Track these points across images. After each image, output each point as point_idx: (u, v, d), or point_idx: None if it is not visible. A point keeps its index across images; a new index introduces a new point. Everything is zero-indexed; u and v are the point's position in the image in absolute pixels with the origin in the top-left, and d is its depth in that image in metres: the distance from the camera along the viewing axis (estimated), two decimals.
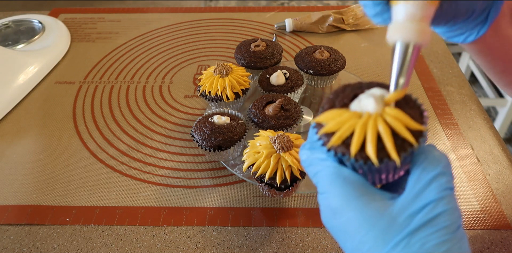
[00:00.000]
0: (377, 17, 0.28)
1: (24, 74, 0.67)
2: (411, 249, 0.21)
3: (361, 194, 0.23)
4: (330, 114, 0.24)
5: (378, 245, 0.22)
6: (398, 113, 0.22)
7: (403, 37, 0.23)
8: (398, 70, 0.23)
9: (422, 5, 0.23)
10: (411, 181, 0.23)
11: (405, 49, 0.23)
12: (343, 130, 0.23)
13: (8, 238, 0.45)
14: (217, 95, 0.54)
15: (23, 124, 0.61)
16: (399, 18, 0.24)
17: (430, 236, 0.21)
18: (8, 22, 0.79)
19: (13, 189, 0.51)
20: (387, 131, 0.22)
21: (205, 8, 0.91)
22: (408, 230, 0.21)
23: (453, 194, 0.22)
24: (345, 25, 0.79)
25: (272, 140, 0.43)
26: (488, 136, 0.56)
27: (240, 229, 0.46)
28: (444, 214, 0.21)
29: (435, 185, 0.22)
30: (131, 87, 0.68)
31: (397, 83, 0.23)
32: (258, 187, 0.49)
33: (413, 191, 0.22)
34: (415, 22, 0.23)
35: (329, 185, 0.24)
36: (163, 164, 0.54)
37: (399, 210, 0.22)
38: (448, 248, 0.21)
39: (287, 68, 0.58)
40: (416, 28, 0.23)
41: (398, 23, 0.24)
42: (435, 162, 0.23)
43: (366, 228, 0.22)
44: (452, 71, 0.69)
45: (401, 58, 0.23)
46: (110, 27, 0.85)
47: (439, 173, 0.22)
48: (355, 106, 0.23)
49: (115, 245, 0.44)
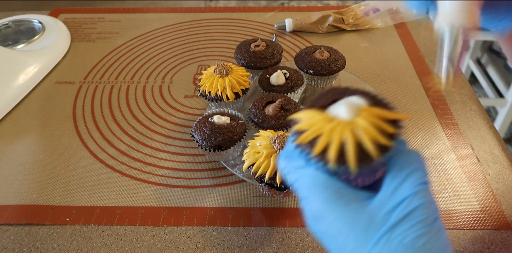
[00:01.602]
0: (422, 5, 0.27)
1: (24, 74, 0.67)
2: (391, 245, 0.21)
3: (340, 196, 0.24)
4: (304, 115, 0.24)
5: (360, 245, 0.22)
6: (367, 125, 0.22)
7: (452, 20, 0.23)
8: (448, 58, 0.23)
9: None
10: (387, 179, 0.24)
11: (455, 34, 0.23)
12: (311, 131, 0.23)
13: (8, 238, 0.45)
14: (217, 95, 0.54)
15: (23, 124, 0.61)
16: (446, 4, 0.23)
17: (408, 230, 0.21)
18: (8, 22, 0.79)
19: (13, 189, 0.51)
20: (351, 140, 0.22)
21: (205, 8, 0.91)
22: (386, 227, 0.22)
23: (427, 188, 0.23)
24: (345, 25, 0.79)
25: (272, 140, 0.43)
26: (488, 136, 0.56)
27: (240, 229, 0.46)
28: (420, 208, 0.22)
29: (409, 181, 0.23)
30: (131, 87, 0.68)
31: (448, 74, 0.23)
32: (258, 187, 0.49)
33: (389, 188, 0.23)
34: (464, 5, 0.23)
35: (308, 191, 0.25)
36: (163, 164, 0.54)
37: (377, 208, 0.23)
38: (426, 241, 0.21)
39: (287, 68, 0.58)
40: (465, 10, 0.23)
41: (446, 8, 0.23)
42: (409, 160, 0.24)
43: (347, 229, 0.23)
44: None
45: (451, 44, 0.23)
46: (110, 27, 0.85)
47: (412, 170, 0.23)
48: (332, 110, 0.24)
49: (115, 245, 0.44)
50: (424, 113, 0.60)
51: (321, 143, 0.23)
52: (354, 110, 0.23)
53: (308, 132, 0.24)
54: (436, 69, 0.24)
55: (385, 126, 0.22)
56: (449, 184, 0.50)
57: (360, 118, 0.23)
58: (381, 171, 0.25)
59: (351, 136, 0.22)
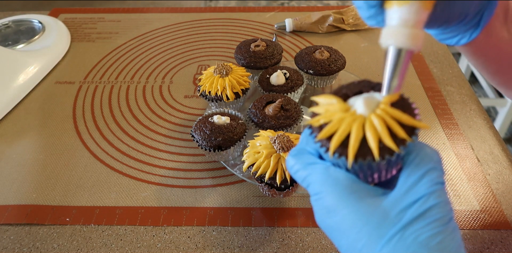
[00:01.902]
0: (371, 19, 0.28)
1: (24, 74, 0.67)
2: (405, 243, 0.21)
3: (353, 191, 0.24)
4: (323, 100, 0.25)
5: (372, 241, 0.22)
6: (378, 123, 0.23)
7: (396, 42, 0.23)
8: (390, 74, 0.24)
9: (416, 10, 0.23)
10: (403, 176, 0.23)
11: (397, 53, 0.24)
12: (329, 127, 0.23)
13: (8, 238, 0.45)
14: (217, 95, 0.54)
15: (23, 124, 0.61)
16: (393, 22, 0.24)
17: (423, 228, 0.21)
18: (8, 22, 0.79)
19: (13, 189, 0.51)
20: (373, 134, 0.23)
21: (205, 8, 0.91)
22: (401, 224, 0.22)
23: (443, 188, 0.23)
24: (345, 25, 0.79)
25: (272, 140, 0.43)
26: (488, 136, 0.56)
27: (240, 229, 0.46)
28: (436, 207, 0.22)
29: (426, 179, 0.22)
30: (131, 87, 0.68)
31: (390, 87, 0.24)
32: (258, 187, 0.49)
33: (404, 186, 0.23)
34: (408, 28, 0.23)
35: (321, 186, 0.25)
36: (163, 164, 0.54)
37: (391, 205, 0.22)
38: (441, 240, 0.21)
39: (287, 68, 0.58)
40: (409, 33, 0.23)
41: (392, 28, 0.24)
42: (427, 158, 0.23)
43: (360, 225, 0.22)
44: (452, 71, 0.69)
45: (393, 63, 0.24)
46: (110, 27, 0.85)
47: (430, 168, 0.23)
48: (352, 101, 0.24)
49: (115, 245, 0.44)
50: (424, 113, 0.60)
51: (328, 129, 0.23)
52: (370, 106, 0.23)
53: (320, 116, 0.24)
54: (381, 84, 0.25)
55: (397, 129, 0.22)
56: (449, 184, 0.50)
57: (375, 115, 0.23)
58: (397, 168, 0.25)
59: (357, 129, 0.23)
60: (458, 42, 0.34)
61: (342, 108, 0.24)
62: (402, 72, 0.24)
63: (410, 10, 0.23)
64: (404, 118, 0.23)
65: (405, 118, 0.23)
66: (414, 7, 0.23)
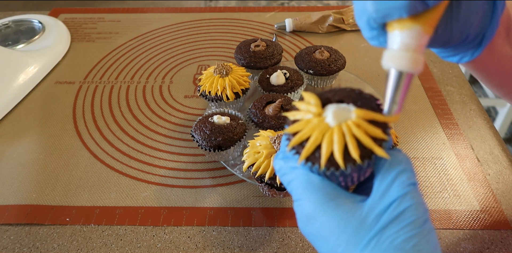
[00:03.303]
0: (373, 40, 0.28)
1: (24, 74, 0.67)
2: (381, 247, 0.22)
3: (332, 198, 0.24)
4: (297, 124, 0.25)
5: (350, 247, 0.22)
6: (359, 121, 0.23)
7: (397, 65, 0.24)
8: (392, 96, 0.24)
9: (417, 34, 0.24)
10: (376, 181, 0.24)
11: (398, 76, 0.24)
12: (309, 145, 0.24)
13: (8, 238, 0.45)
14: (217, 95, 0.54)
15: (23, 124, 0.61)
16: (394, 46, 0.24)
17: (398, 232, 0.22)
18: (8, 22, 0.79)
19: (13, 189, 0.51)
20: (328, 145, 0.23)
21: (205, 8, 0.91)
22: (376, 229, 0.22)
23: (416, 189, 0.23)
24: (345, 25, 0.79)
25: (272, 140, 0.43)
26: (488, 136, 0.56)
27: (240, 229, 0.46)
28: (409, 210, 0.22)
29: (397, 182, 0.23)
30: (131, 87, 0.68)
31: (391, 109, 0.24)
32: (258, 187, 0.49)
33: (378, 191, 0.23)
34: (410, 52, 0.24)
35: (302, 192, 0.25)
36: (163, 164, 0.54)
37: (367, 210, 0.23)
38: (416, 243, 0.21)
39: (287, 68, 0.58)
40: (410, 57, 0.24)
41: (393, 52, 0.24)
42: (396, 161, 0.24)
43: (338, 231, 0.23)
44: (452, 71, 0.69)
45: (394, 85, 0.24)
46: (110, 27, 0.85)
47: (400, 171, 0.23)
48: (328, 108, 0.25)
49: (115, 245, 0.44)
50: (424, 113, 0.60)
51: (308, 147, 0.24)
52: (338, 118, 0.24)
53: (298, 135, 0.24)
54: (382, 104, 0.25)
55: (365, 142, 0.23)
56: (449, 184, 0.50)
57: (338, 128, 0.23)
58: (368, 171, 0.25)
59: (315, 138, 0.24)
60: (460, 60, 0.34)
61: (316, 114, 0.24)
62: (403, 94, 0.24)
63: (412, 34, 0.24)
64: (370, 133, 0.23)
65: (367, 136, 0.23)
66: (415, 31, 0.24)
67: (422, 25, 0.24)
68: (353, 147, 0.23)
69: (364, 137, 0.23)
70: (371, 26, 0.26)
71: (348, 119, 0.23)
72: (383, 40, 0.27)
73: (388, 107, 0.24)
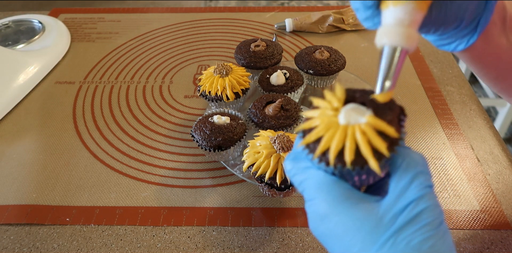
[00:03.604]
0: (367, 21, 0.28)
1: (24, 74, 0.67)
2: (397, 248, 0.22)
3: (347, 197, 0.24)
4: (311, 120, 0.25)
5: (366, 246, 0.22)
6: (365, 129, 0.23)
7: (390, 41, 0.24)
8: (384, 73, 0.24)
9: (411, 10, 0.24)
10: (393, 182, 0.24)
11: (392, 53, 0.24)
12: (314, 133, 0.24)
13: (8, 238, 0.45)
14: (217, 95, 0.54)
15: (23, 124, 0.61)
16: (388, 22, 0.24)
17: (415, 233, 0.22)
18: (8, 22, 0.79)
19: (13, 189, 0.51)
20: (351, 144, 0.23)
21: (205, 8, 0.91)
22: (393, 229, 0.22)
23: (432, 191, 0.23)
24: (345, 25, 0.79)
25: (272, 140, 0.43)
26: (488, 136, 0.56)
27: (240, 229, 0.46)
28: (426, 211, 0.22)
29: (415, 184, 0.23)
30: (131, 87, 0.68)
31: (383, 86, 0.24)
32: (258, 187, 0.49)
33: (395, 191, 0.23)
34: (403, 27, 0.24)
35: (315, 192, 0.25)
36: (163, 164, 0.54)
37: (384, 210, 0.23)
38: (432, 244, 0.21)
39: (287, 68, 0.58)
40: (403, 32, 0.23)
41: (387, 27, 0.24)
42: (413, 163, 0.24)
43: (353, 230, 0.23)
44: (452, 71, 0.69)
45: (388, 62, 0.24)
46: (110, 27, 0.85)
47: (417, 173, 0.23)
48: (344, 110, 0.24)
49: (115, 245, 0.44)
50: (424, 113, 0.60)
51: (322, 145, 0.23)
52: (348, 118, 0.23)
53: (312, 133, 0.24)
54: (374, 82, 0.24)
55: (376, 143, 0.23)
56: (449, 184, 0.50)
57: (363, 123, 0.23)
58: (384, 172, 0.25)
59: (350, 140, 0.23)
60: (456, 48, 0.34)
61: (333, 121, 0.24)
62: (396, 72, 0.24)
63: (405, 10, 0.24)
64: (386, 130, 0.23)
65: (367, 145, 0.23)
66: (409, 7, 0.24)
67: (416, 1, 0.24)
68: (350, 150, 0.23)
69: (364, 145, 0.22)
70: (366, 5, 0.26)
71: (358, 123, 0.23)
72: (378, 21, 0.27)
73: (381, 83, 0.24)
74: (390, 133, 0.23)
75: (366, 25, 0.29)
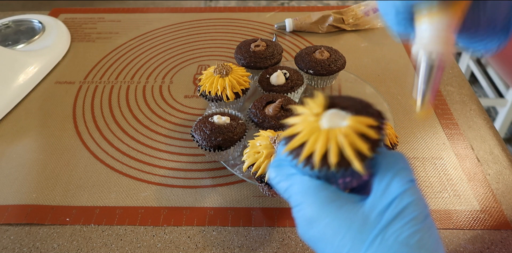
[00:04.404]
0: (399, 29, 0.28)
1: (24, 74, 0.67)
2: (386, 244, 0.22)
3: (333, 199, 0.24)
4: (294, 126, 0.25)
5: (356, 245, 0.22)
6: (347, 132, 0.23)
7: (428, 49, 0.24)
8: (424, 88, 0.24)
9: (446, 25, 0.24)
10: (376, 181, 0.24)
11: (431, 64, 0.24)
12: (298, 138, 0.24)
13: (8, 238, 0.45)
14: (217, 95, 0.54)
15: (23, 124, 0.61)
16: (424, 37, 0.24)
17: (402, 228, 0.22)
18: (8, 22, 0.79)
19: (13, 189, 0.51)
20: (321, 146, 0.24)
21: (205, 8, 0.91)
22: (380, 226, 0.22)
23: (415, 186, 0.23)
24: (345, 25, 0.79)
25: (272, 140, 0.43)
26: (488, 136, 0.56)
27: (240, 229, 0.46)
28: (411, 205, 0.22)
29: (397, 179, 0.23)
30: (131, 87, 0.68)
31: (423, 100, 0.24)
32: (258, 187, 0.49)
33: (379, 189, 0.23)
34: (440, 44, 0.24)
35: (302, 196, 0.25)
36: (163, 164, 0.54)
37: (369, 209, 0.23)
38: (420, 237, 0.22)
39: (287, 68, 0.58)
40: (442, 46, 0.24)
41: (424, 41, 0.24)
42: (393, 160, 0.24)
43: (343, 231, 0.23)
44: (452, 71, 0.69)
45: (427, 74, 0.24)
46: (110, 27, 0.85)
47: (398, 169, 0.24)
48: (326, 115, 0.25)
49: (115, 245, 0.44)
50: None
51: (307, 150, 0.24)
52: (330, 123, 0.24)
53: (296, 139, 0.25)
54: (414, 93, 0.25)
55: (358, 145, 0.23)
56: (449, 184, 0.50)
57: (344, 127, 0.24)
58: (367, 173, 0.25)
59: (333, 142, 0.24)
60: (485, 47, 0.33)
61: (315, 114, 0.25)
62: (436, 79, 0.24)
63: (441, 25, 0.24)
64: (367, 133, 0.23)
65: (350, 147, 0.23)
66: (444, 23, 0.24)
67: (450, 16, 0.24)
68: (333, 153, 0.23)
69: (347, 147, 0.23)
70: (398, 21, 0.26)
71: (339, 127, 0.24)
72: (410, 30, 0.27)
73: (421, 99, 0.24)
74: (371, 134, 0.23)
75: (397, 29, 0.28)
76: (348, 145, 0.23)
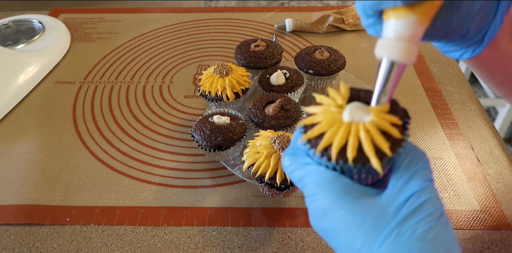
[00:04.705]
0: (370, 28, 0.28)
1: (24, 74, 0.67)
2: (402, 238, 0.22)
3: (348, 192, 0.24)
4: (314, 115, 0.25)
5: (370, 239, 0.22)
6: (369, 128, 0.23)
7: (389, 55, 0.23)
8: (381, 87, 0.24)
9: (412, 24, 0.23)
10: (394, 176, 0.24)
11: (390, 66, 0.24)
12: (326, 138, 0.24)
13: (8, 238, 0.45)
14: (217, 95, 0.54)
15: (23, 124, 0.61)
16: (388, 35, 0.24)
17: (418, 223, 0.22)
18: (8, 22, 0.79)
19: (13, 189, 0.51)
20: (354, 143, 0.23)
21: (205, 8, 0.91)
22: (397, 220, 0.22)
23: (433, 185, 0.24)
24: (345, 25, 0.79)
25: (272, 140, 0.43)
26: (488, 136, 0.56)
27: (240, 229, 0.46)
28: (428, 202, 0.22)
29: (417, 177, 0.23)
30: (131, 87, 0.68)
31: (379, 99, 0.24)
32: (258, 187, 0.49)
33: (397, 185, 0.23)
34: (403, 42, 0.23)
35: (316, 187, 0.25)
36: (163, 164, 0.54)
37: (386, 203, 0.23)
38: (436, 233, 0.22)
39: (287, 68, 0.58)
40: (403, 47, 0.23)
41: (387, 40, 0.24)
42: (415, 159, 0.24)
43: (357, 224, 0.23)
44: (452, 71, 0.69)
45: (385, 76, 0.24)
46: (110, 27, 0.85)
47: (419, 167, 0.24)
48: (348, 107, 0.24)
49: (115, 245, 0.44)
50: (424, 113, 0.60)
51: (325, 140, 0.23)
52: (351, 116, 0.23)
53: (315, 129, 0.24)
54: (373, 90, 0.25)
55: (379, 142, 0.23)
56: (449, 184, 0.50)
57: (356, 124, 0.23)
58: (386, 168, 0.25)
59: (353, 136, 0.23)
60: (461, 56, 0.34)
61: (338, 106, 0.24)
62: (393, 85, 0.24)
63: (406, 23, 0.23)
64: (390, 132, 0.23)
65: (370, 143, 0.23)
66: (410, 21, 0.23)
67: (418, 15, 0.23)
68: (352, 147, 0.23)
69: (367, 143, 0.22)
70: (367, 13, 0.26)
71: (362, 122, 0.23)
72: (380, 28, 0.27)
73: (377, 97, 0.24)
74: (394, 133, 0.23)
75: (369, 32, 0.28)
76: (368, 141, 0.22)
